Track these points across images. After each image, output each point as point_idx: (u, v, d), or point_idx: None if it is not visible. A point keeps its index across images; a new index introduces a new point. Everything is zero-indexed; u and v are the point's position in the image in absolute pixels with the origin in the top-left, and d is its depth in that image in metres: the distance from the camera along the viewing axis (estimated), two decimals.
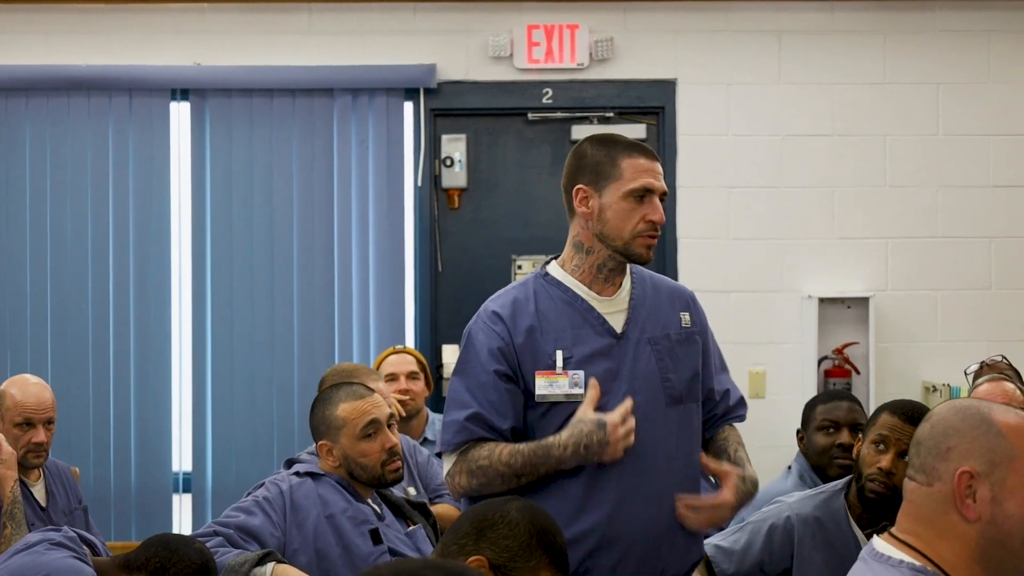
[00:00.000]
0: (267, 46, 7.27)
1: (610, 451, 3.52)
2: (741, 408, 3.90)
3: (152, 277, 7.23)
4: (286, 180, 7.26)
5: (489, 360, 3.62)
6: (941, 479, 2.43)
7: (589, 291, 3.71)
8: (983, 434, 2.42)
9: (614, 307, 3.71)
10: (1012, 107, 7.38)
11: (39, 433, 5.15)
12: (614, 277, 3.72)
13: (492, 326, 3.65)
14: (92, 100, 7.23)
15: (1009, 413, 2.46)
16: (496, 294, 3.80)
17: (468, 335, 3.71)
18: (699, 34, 7.35)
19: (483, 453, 3.60)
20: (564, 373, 3.61)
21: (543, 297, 3.70)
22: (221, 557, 3.93)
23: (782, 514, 4.21)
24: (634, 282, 3.77)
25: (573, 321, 3.67)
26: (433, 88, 7.28)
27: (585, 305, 3.69)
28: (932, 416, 2.50)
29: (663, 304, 3.77)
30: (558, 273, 3.74)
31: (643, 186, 3.64)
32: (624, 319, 3.70)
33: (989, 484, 2.40)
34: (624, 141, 3.74)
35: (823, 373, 7.24)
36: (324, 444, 4.28)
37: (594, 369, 3.62)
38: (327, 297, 7.24)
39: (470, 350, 3.67)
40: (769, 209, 7.32)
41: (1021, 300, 7.37)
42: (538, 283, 3.74)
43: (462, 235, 7.38)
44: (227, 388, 7.21)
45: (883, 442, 4.05)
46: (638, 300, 3.73)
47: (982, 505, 2.40)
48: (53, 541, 3.51)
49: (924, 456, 2.47)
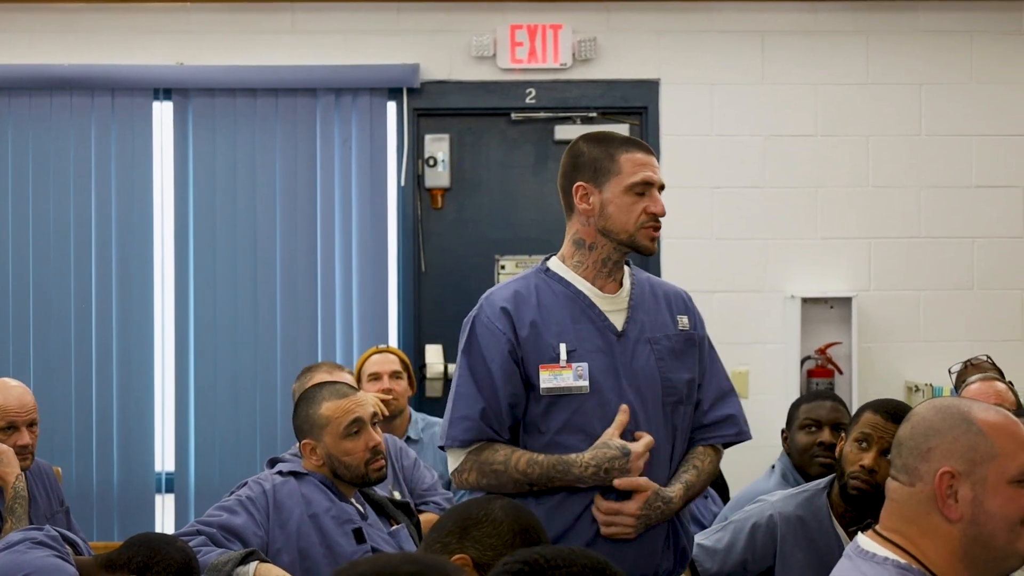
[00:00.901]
0: (250, 46, 7.26)
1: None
2: (724, 428, 3.81)
3: (135, 277, 7.21)
4: (269, 180, 7.25)
5: (496, 356, 3.64)
6: (923, 479, 2.43)
7: (591, 287, 3.73)
8: (963, 433, 2.42)
9: (615, 305, 3.73)
10: (995, 107, 7.39)
11: (23, 436, 5.12)
12: (616, 272, 3.75)
13: (496, 322, 3.67)
14: (74, 100, 7.21)
15: (989, 411, 2.45)
16: (497, 286, 3.82)
17: (472, 329, 3.70)
18: (682, 34, 7.35)
19: (498, 458, 3.63)
20: (568, 366, 3.63)
21: (545, 291, 3.72)
22: (204, 556, 3.92)
23: (765, 513, 4.21)
24: (633, 283, 3.79)
25: (574, 316, 3.69)
26: (416, 88, 7.28)
27: (587, 301, 3.71)
28: (912, 416, 2.50)
29: (661, 305, 3.79)
30: (559, 268, 3.77)
31: (643, 179, 3.68)
32: (624, 318, 3.72)
33: (970, 483, 2.40)
34: (619, 137, 3.80)
35: (806, 373, 7.25)
36: (307, 443, 4.27)
37: (594, 364, 3.64)
38: (310, 297, 7.23)
39: (475, 344, 3.68)
40: (752, 209, 7.33)
41: (1003, 300, 7.38)
42: (539, 278, 3.76)
43: (445, 235, 7.37)
44: (210, 388, 7.20)
45: (866, 440, 4.06)
46: (637, 300, 3.75)
47: (964, 505, 2.40)
48: (35, 540, 3.51)
49: (906, 456, 2.47)
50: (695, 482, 3.73)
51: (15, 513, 4.74)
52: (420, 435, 6.02)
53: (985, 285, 7.37)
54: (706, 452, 3.80)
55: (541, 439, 3.65)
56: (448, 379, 7.14)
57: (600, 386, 3.63)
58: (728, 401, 3.83)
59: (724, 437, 3.82)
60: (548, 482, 3.59)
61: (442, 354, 7.21)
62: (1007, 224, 7.39)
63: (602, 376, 3.63)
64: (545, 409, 3.64)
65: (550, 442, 3.64)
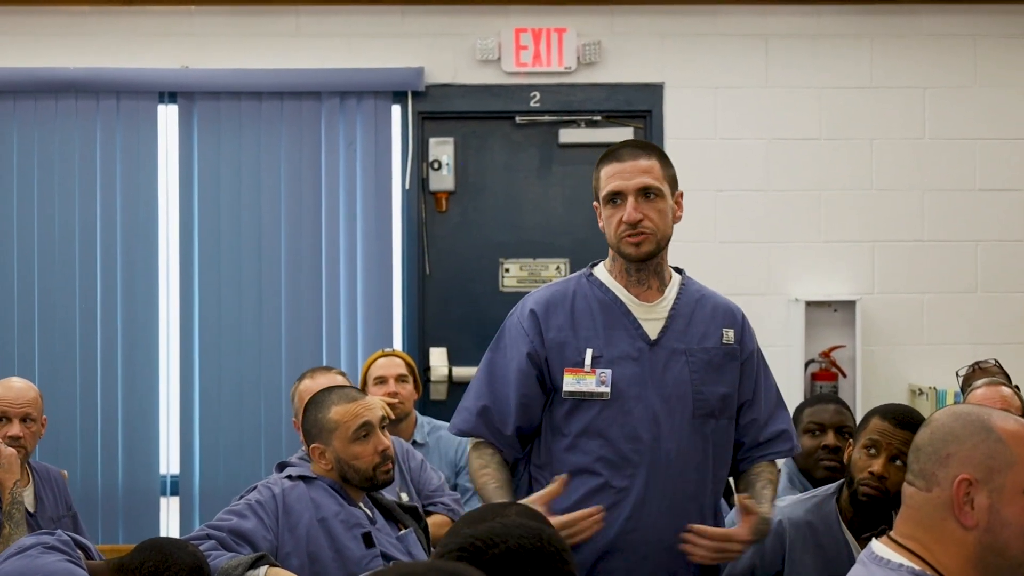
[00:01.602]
0: (255, 49, 7.27)
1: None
2: (779, 444, 3.87)
3: (140, 280, 7.22)
4: (274, 183, 7.25)
5: (515, 356, 3.74)
6: (940, 485, 2.44)
7: (628, 295, 3.77)
8: (983, 441, 2.43)
9: (653, 314, 3.76)
10: (998, 111, 7.40)
11: (13, 427, 5.13)
12: (648, 279, 3.78)
13: (523, 324, 3.76)
14: (80, 103, 7.21)
15: (1008, 419, 2.46)
16: (538, 288, 3.91)
17: (504, 328, 3.84)
18: (686, 38, 7.36)
19: (476, 464, 3.80)
20: (592, 371, 3.68)
21: (580, 296, 3.79)
22: (214, 560, 3.92)
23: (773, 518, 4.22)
24: (680, 292, 3.82)
25: (607, 322, 3.74)
26: (421, 91, 7.28)
27: (623, 308, 3.75)
28: (932, 422, 2.51)
29: (706, 317, 3.81)
30: (602, 274, 3.83)
31: (610, 192, 3.74)
32: (661, 327, 3.75)
33: (987, 491, 2.40)
34: (612, 149, 3.83)
35: (810, 376, 7.26)
36: (317, 447, 4.28)
37: (622, 371, 3.68)
38: (315, 300, 7.24)
39: (502, 342, 3.81)
40: (756, 212, 7.34)
41: (1007, 303, 7.39)
42: (580, 282, 3.84)
43: (450, 238, 7.38)
44: (215, 391, 7.21)
45: (874, 446, 4.06)
46: (679, 310, 3.78)
47: (980, 513, 2.41)
48: (47, 545, 3.51)
49: (923, 462, 2.47)
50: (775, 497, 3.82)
51: (13, 519, 4.74)
52: (426, 439, 6.02)
53: (989, 288, 7.38)
54: (772, 468, 3.88)
55: (563, 441, 3.72)
56: (452, 382, 7.16)
57: (623, 393, 3.67)
58: (780, 416, 3.90)
59: (780, 453, 3.90)
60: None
61: (446, 357, 7.21)
62: (1010, 227, 7.40)
63: (628, 384, 3.67)
64: (568, 412, 3.70)
65: (571, 444, 3.70)
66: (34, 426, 5.23)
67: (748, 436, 3.84)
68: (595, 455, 3.65)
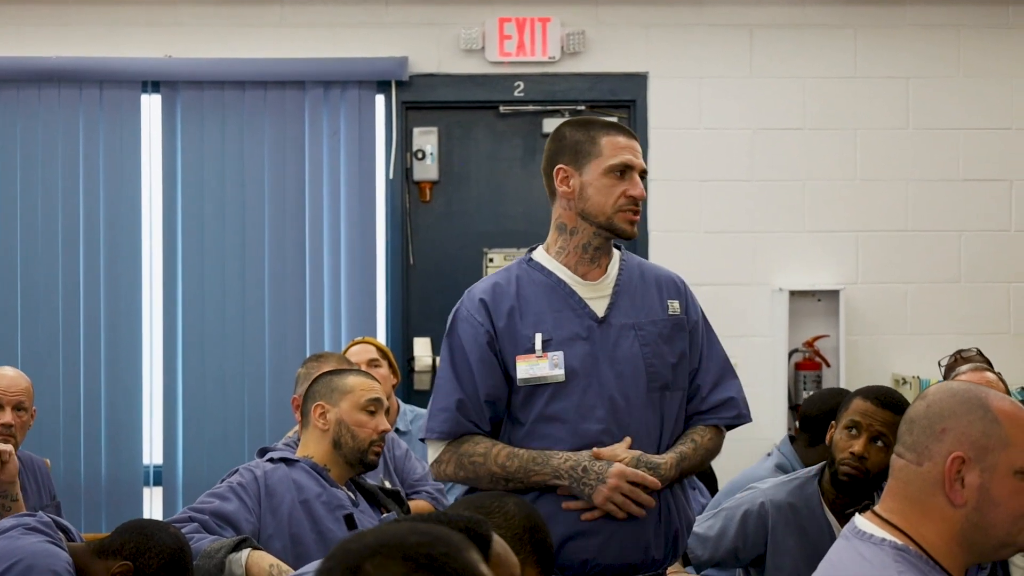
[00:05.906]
0: (239, 39, 7.26)
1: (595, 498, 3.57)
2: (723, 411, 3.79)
3: (123, 270, 7.19)
4: (257, 173, 7.24)
5: (474, 350, 3.67)
6: (932, 460, 2.43)
7: (573, 275, 3.73)
8: (979, 419, 2.42)
9: (598, 292, 3.73)
10: (982, 101, 7.42)
11: (6, 415, 5.12)
12: (600, 257, 3.74)
13: (475, 315, 3.69)
14: (63, 92, 7.19)
15: (1004, 400, 2.46)
16: (481, 280, 3.85)
17: (454, 321, 3.74)
18: (671, 28, 7.36)
19: (479, 450, 3.66)
20: (544, 355, 3.64)
21: (525, 282, 3.73)
22: (196, 543, 3.92)
23: (756, 500, 4.23)
24: (621, 268, 3.78)
25: (553, 304, 3.70)
26: (405, 81, 7.27)
27: (567, 289, 3.71)
28: (928, 395, 2.50)
29: (650, 290, 3.78)
30: (542, 258, 3.78)
31: (622, 162, 3.69)
32: (607, 304, 3.72)
33: (979, 470, 2.40)
34: (602, 121, 3.83)
35: (794, 366, 7.27)
36: (320, 405, 4.31)
37: (574, 351, 3.64)
38: (298, 290, 7.22)
39: (455, 339, 3.71)
40: (740, 202, 7.34)
41: (990, 293, 7.41)
42: (521, 268, 3.78)
43: (434, 228, 7.37)
44: (198, 381, 7.19)
45: (855, 427, 4.07)
46: (623, 286, 3.75)
47: (970, 491, 2.40)
48: (28, 526, 3.50)
49: (917, 435, 2.46)
50: (691, 455, 3.71)
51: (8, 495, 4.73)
52: (409, 427, 6.02)
53: (972, 278, 7.39)
54: (706, 429, 3.78)
55: (521, 429, 3.67)
56: (436, 371, 7.14)
57: (578, 374, 3.63)
58: (728, 384, 3.83)
59: (723, 419, 3.80)
60: (526, 476, 3.60)
61: (430, 347, 7.21)
62: (994, 217, 7.41)
63: (581, 364, 3.64)
64: (524, 399, 3.66)
65: (528, 432, 3.66)
66: (25, 416, 5.22)
67: (691, 404, 3.78)
68: (553, 438, 3.63)
